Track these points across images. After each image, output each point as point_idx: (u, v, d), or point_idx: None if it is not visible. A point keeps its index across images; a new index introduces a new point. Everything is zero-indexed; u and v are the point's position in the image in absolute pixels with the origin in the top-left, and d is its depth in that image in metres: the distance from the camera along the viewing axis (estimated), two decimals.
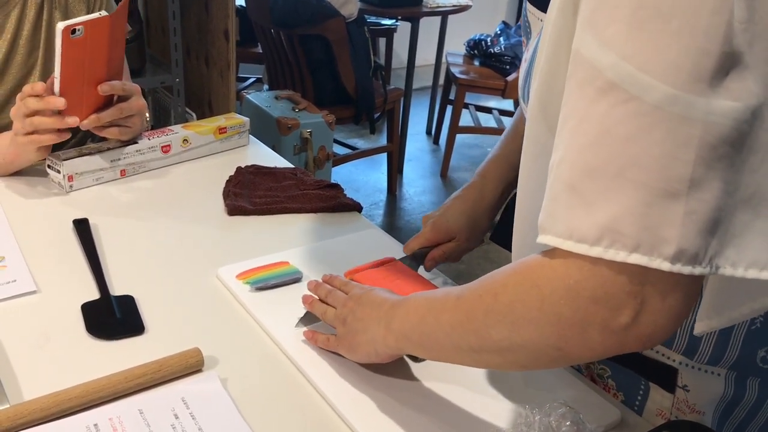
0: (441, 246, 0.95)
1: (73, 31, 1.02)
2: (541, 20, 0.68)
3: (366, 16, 3.11)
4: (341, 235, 1.08)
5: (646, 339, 0.53)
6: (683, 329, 0.72)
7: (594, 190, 0.51)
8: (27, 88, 1.07)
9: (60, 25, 1.01)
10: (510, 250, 0.90)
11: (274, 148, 1.33)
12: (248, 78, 4.00)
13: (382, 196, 3.39)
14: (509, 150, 0.97)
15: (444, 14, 3.54)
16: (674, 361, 0.74)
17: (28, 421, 0.69)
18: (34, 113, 1.06)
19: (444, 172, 3.62)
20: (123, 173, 1.20)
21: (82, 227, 1.02)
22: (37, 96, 1.06)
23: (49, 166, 1.15)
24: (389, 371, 0.79)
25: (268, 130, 2.54)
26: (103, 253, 0.98)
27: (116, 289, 0.91)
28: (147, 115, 1.27)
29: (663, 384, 0.77)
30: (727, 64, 0.48)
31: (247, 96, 2.72)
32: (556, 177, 0.54)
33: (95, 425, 0.70)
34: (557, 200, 0.53)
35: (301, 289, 0.92)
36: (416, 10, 3.31)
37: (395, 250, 1.03)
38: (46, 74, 1.23)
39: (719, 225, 0.50)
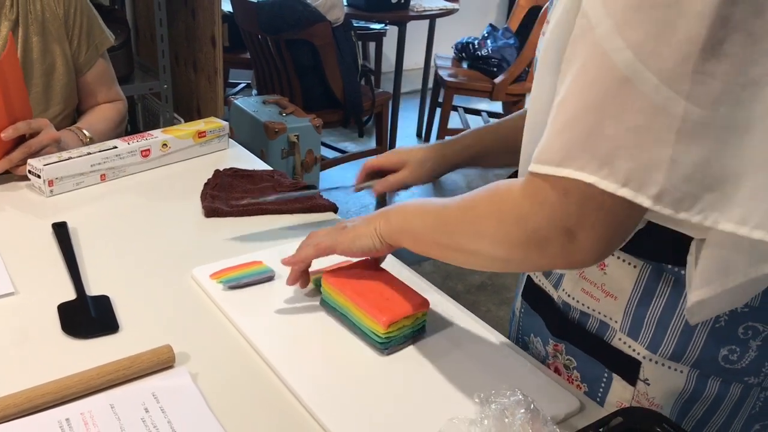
0: (392, 174, 1.06)
1: None
2: None
3: (353, 21, 3.14)
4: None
5: (580, 262, 0.64)
6: (649, 323, 0.75)
7: (593, 124, 0.57)
8: None
9: None
10: None
11: (261, 153, 1.36)
12: (238, 84, 4.03)
13: (372, 199, 3.42)
14: (493, 130, 1.05)
15: (431, 18, 3.57)
16: (638, 354, 0.77)
17: (2, 417, 0.71)
18: None
19: None
20: (103, 177, 1.23)
21: (61, 230, 1.05)
22: None
23: (29, 171, 1.17)
24: (356, 366, 0.81)
25: (255, 134, 2.57)
26: (81, 255, 1.01)
27: (93, 289, 0.94)
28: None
29: (625, 376, 0.79)
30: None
31: (235, 101, 2.75)
32: (558, 113, 0.60)
33: (67, 420, 0.72)
34: (560, 133, 0.60)
35: (274, 287, 0.95)
36: (403, 14, 3.35)
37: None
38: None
39: (713, 179, 0.57)
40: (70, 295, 0.92)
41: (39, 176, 1.16)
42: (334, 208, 1.19)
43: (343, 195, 3.39)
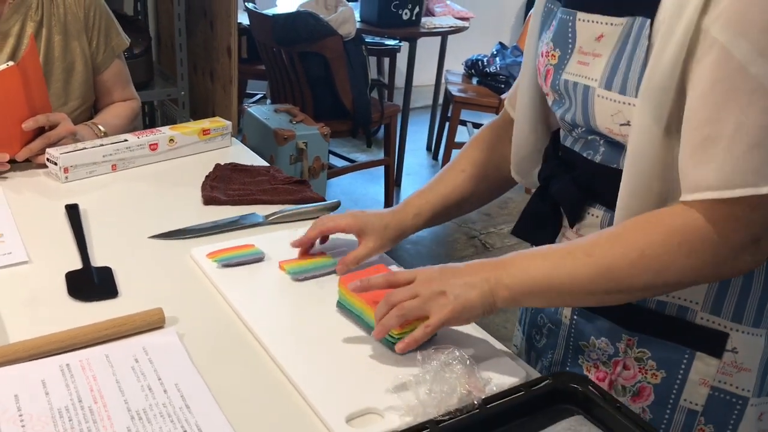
0: (355, 251, 1.02)
1: None
2: (600, 23, 0.81)
3: (364, 36, 3.26)
4: (305, 226, 1.20)
5: (760, 263, 0.78)
6: (731, 296, 0.83)
7: None
8: None
9: None
10: (532, 243, 0.99)
11: (271, 158, 1.47)
12: (255, 94, 4.17)
13: (379, 207, 3.52)
14: (439, 183, 1.08)
15: (442, 35, 3.68)
16: (724, 327, 0.84)
17: (12, 359, 0.82)
18: None
19: None
20: (114, 167, 1.35)
21: (73, 211, 1.16)
22: None
23: (48, 159, 1.29)
24: (327, 328, 0.91)
25: (266, 140, 2.69)
26: (89, 233, 1.12)
27: (97, 261, 1.05)
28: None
29: (710, 350, 0.85)
30: None
31: (248, 109, 2.87)
32: (733, 142, 0.70)
33: (68, 365, 0.83)
34: (745, 157, 0.70)
35: (263, 267, 1.05)
36: (414, 30, 3.46)
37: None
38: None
39: None
40: (77, 264, 1.03)
41: (56, 163, 1.27)
42: (321, 200, 1.29)
43: (351, 206, 3.51)
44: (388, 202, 3.52)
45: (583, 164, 0.89)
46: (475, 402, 0.75)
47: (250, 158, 1.48)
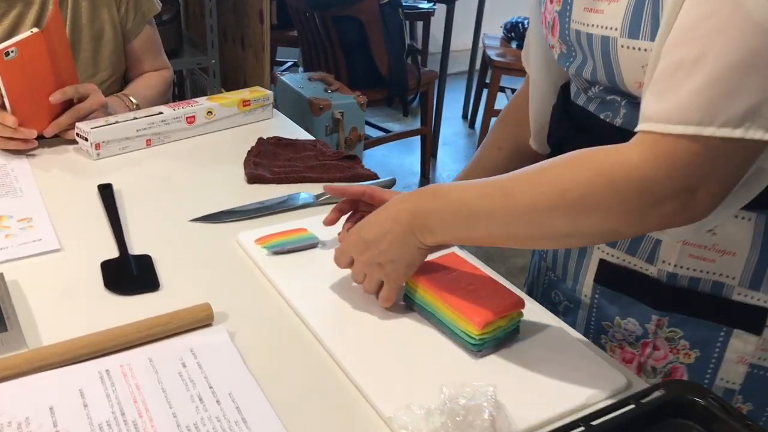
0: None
1: (7, 53, 1.09)
2: None
3: None
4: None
5: (695, 218, 0.65)
6: None
7: (738, 82, 0.58)
8: None
9: None
10: None
11: (306, 129, 1.36)
12: (285, 62, 4.05)
13: (415, 179, 3.40)
14: (476, 165, 1.01)
15: None
16: (765, 302, 0.77)
17: (45, 365, 0.72)
18: None
19: None
20: (148, 143, 1.24)
21: (107, 191, 1.06)
22: None
23: (77, 135, 1.19)
24: (399, 334, 0.81)
25: (300, 110, 2.58)
26: (125, 216, 1.02)
27: (135, 248, 0.95)
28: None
29: (749, 327, 0.79)
30: None
31: (281, 77, 2.76)
32: (690, 74, 0.60)
33: (107, 371, 0.73)
34: (698, 93, 0.59)
35: (318, 254, 0.95)
36: None
37: None
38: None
39: None
40: (113, 253, 0.93)
41: (86, 139, 1.17)
42: (374, 177, 1.18)
43: (386, 177, 3.39)
44: (425, 174, 3.40)
45: (599, 127, 0.79)
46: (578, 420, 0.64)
47: (294, 131, 1.36)
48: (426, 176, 3.40)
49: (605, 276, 0.86)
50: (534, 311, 0.85)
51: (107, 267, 0.90)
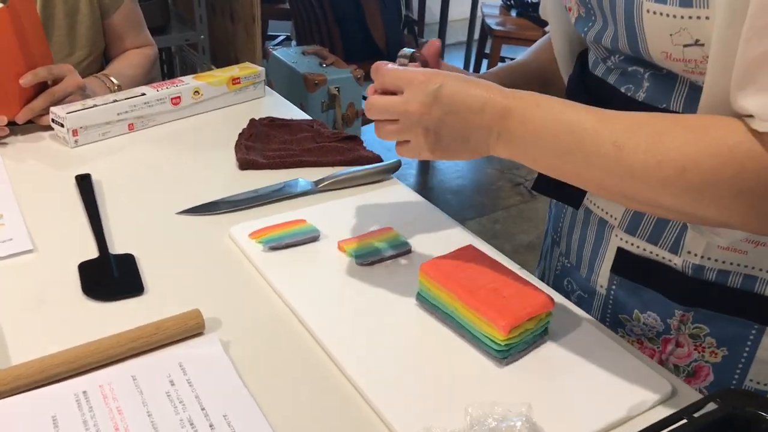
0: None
1: None
2: None
3: None
4: (362, 192, 1.00)
5: None
6: None
7: None
8: None
9: None
10: (555, 198, 0.84)
11: (301, 106, 1.26)
12: (277, 36, 3.92)
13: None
14: (522, 68, 0.92)
15: None
16: None
17: (12, 389, 0.63)
18: None
19: None
20: (131, 127, 1.14)
21: (85, 183, 0.97)
22: None
23: (53, 120, 1.09)
24: (409, 338, 0.72)
25: (294, 86, 2.47)
26: (105, 210, 0.93)
27: (116, 247, 0.86)
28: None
29: None
30: None
31: (274, 52, 2.64)
32: None
33: (84, 393, 0.64)
34: None
35: (320, 248, 0.86)
36: None
37: (422, 207, 0.96)
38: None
39: None
40: (92, 253, 0.84)
41: (62, 125, 1.07)
42: (378, 160, 1.09)
43: (384, 153, 3.28)
44: None
45: (620, 102, 0.70)
46: None
47: (288, 111, 1.26)
48: None
49: (624, 266, 0.78)
50: (559, 306, 0.76)
51: (85, 269, 0.81)
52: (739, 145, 0.56)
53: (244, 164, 1.05)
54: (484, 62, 3.54)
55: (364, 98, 0.75)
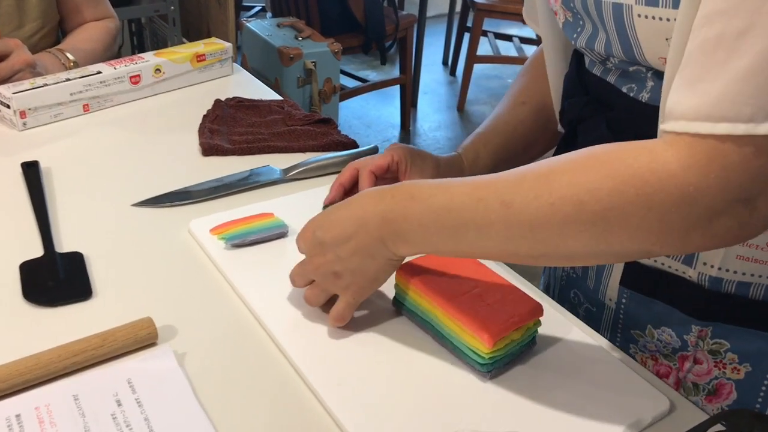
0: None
1: None
2: None
3: None
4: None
5: (752, 235, 0.52)
6: None
7: None
8: None
9: None
10: None
11: (276, 81, 1.18)
12: (253, 7, 3.81)
13: (395, 131, 3.23)
14: (496, 120, 0.85)
15: None
16: None
17: None
18: None
19: (461, 105, 3.44)
20: (86, 108, 1.06)
21: (32, 171, 0.89)
22: None
23: None
24: (388, 344, 0.66)
25: (269, 61, 2.37)
26: (53, 202, 0.85)
27: (64, 244, 0.78)
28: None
29: None
30: None
31: (247, 24, 2.54)
32: (730, 59, 0.47)
33: (17, 417, 0.57)
34: (744, 81, 0.46)
35: (288, 246, 0.79)
36: None
37: None
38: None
39: None
40: (37, 251, 0.76)
41: (8, 106, 0.99)
42: (353, 146, 1.01)
43: (364, 131, 3.20)
44: (404, 126, 3.22)
45: (622, 103, 0.65)
46: None
47: (258, 90, 1.18)
48: (406, 128, 3.22)
49: (634, 279, 0.72)
50: (548, 312, 0.70)
51: (27, 270, 0.73)
52: (637, 157, 0.50)
53: (208, 150, 0.97)
54: (466, 36, 3.46)
55: (343, 73, 0.70)
